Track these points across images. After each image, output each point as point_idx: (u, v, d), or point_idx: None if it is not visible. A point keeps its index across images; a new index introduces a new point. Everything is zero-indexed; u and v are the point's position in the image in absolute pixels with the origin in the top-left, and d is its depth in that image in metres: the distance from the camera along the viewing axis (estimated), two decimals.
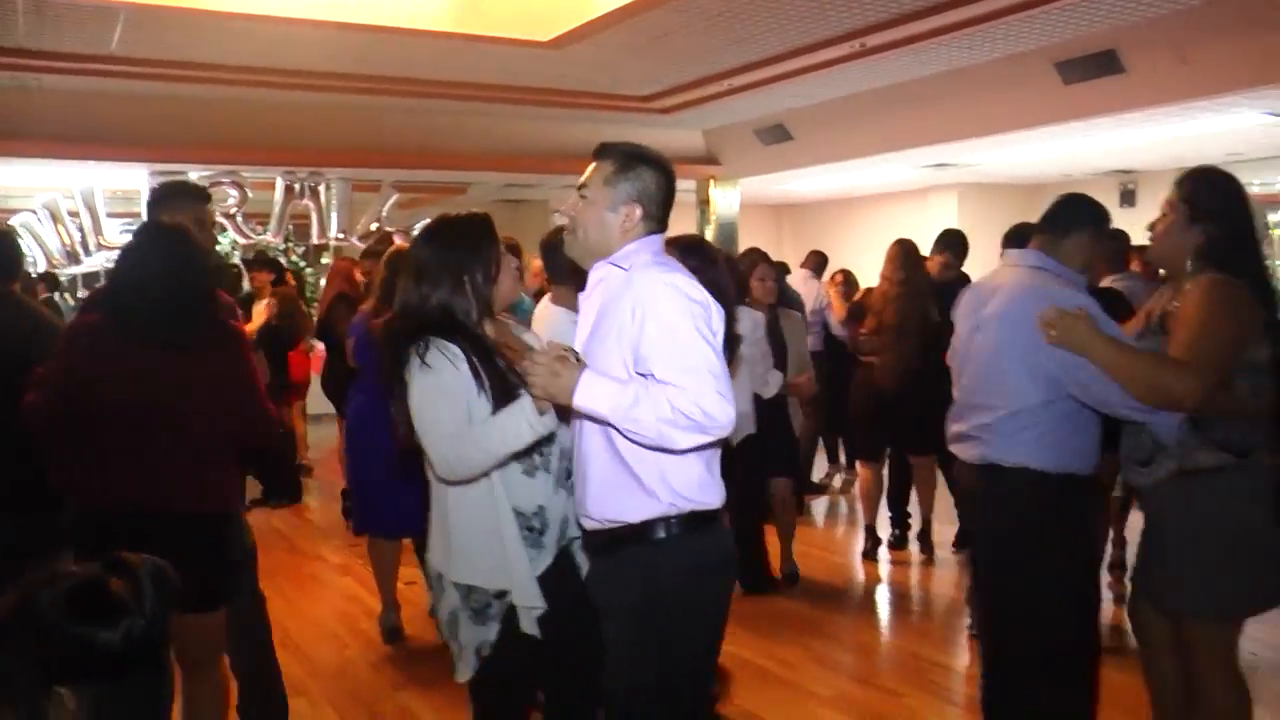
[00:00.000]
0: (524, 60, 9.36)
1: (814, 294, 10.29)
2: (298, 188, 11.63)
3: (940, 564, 7.42)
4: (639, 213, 2.88)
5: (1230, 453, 3.22)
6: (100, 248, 11.00)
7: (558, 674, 3.23)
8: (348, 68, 9.55)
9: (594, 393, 2.60)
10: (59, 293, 12.84)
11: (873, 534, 7.60)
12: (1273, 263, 15.64)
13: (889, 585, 7.10)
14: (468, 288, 3.04)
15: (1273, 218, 15.94)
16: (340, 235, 11.94)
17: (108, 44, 8.57)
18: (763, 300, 6.56)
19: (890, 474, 7.72)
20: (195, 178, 10.56)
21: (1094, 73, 9.00)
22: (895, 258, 7.33)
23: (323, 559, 7.77)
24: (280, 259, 11.92)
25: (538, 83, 10.37)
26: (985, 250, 7.02)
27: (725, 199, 13.75)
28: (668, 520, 2.78)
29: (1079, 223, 3.72)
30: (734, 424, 2.68)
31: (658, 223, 2.93)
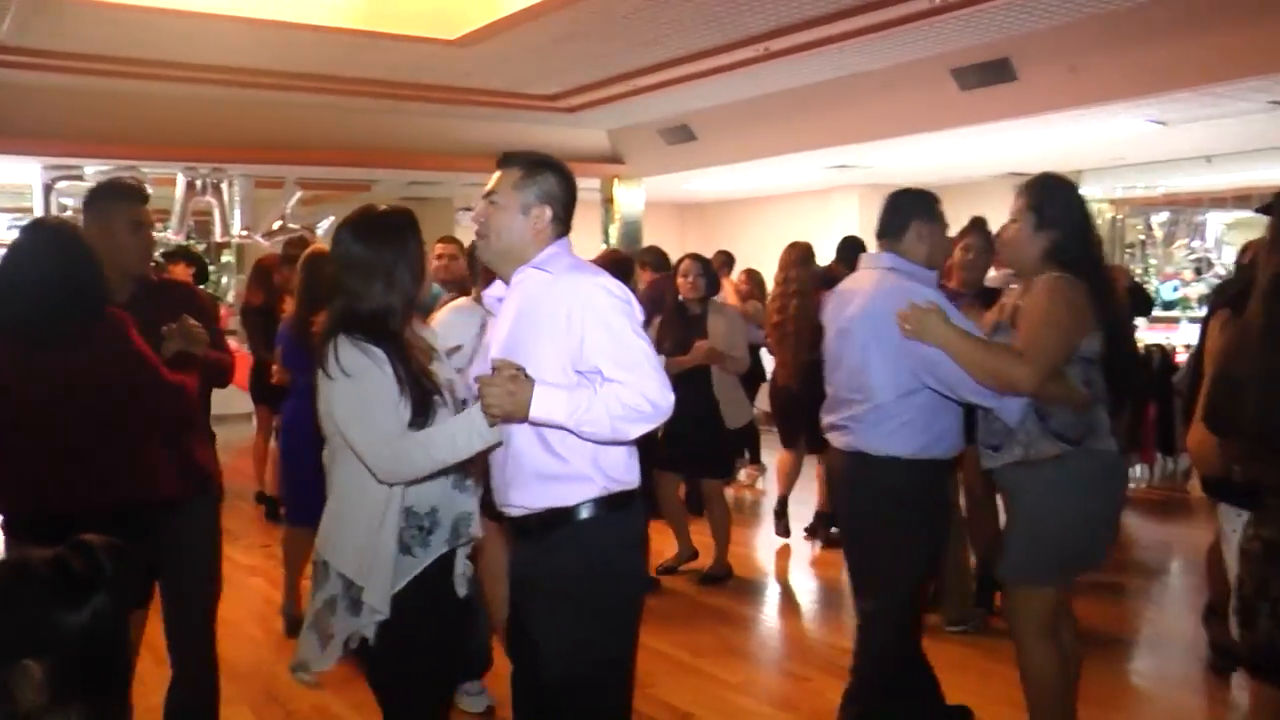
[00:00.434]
0: (430, 58, 9.36)
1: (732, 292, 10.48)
2: (199, 184, 11.42)
3: None
4: (549, 214, 3.01)
5: (1066, 442, 3.49)
6: None
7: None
8: (251, 63, 9.45)
9: (549, 404, 2.71)
10: None
11: (783, 507, 7.87)
12: (1153, 261, 16.31)
13: (799, 575, 7.26)
14: (397, 286, 3.04)
15: (1156, 219, 16.53)
16: (244, 233, 11.77)
17: None
18: (690, 296, 6.71)
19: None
20: (91, 173, 10.40)
21: (988, 80, 9.28)
22: (786, 261, 7.60)
23: (231, 559, 7.66)
24: (157, 255, 11.68)
25: (444, 81, 10.37)
26: None
27: (629, 198, 13.84)
28: (599, 501, 2.93)
29: (904, 218, 4.00)
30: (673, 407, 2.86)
31: (564, 225, 3.07)
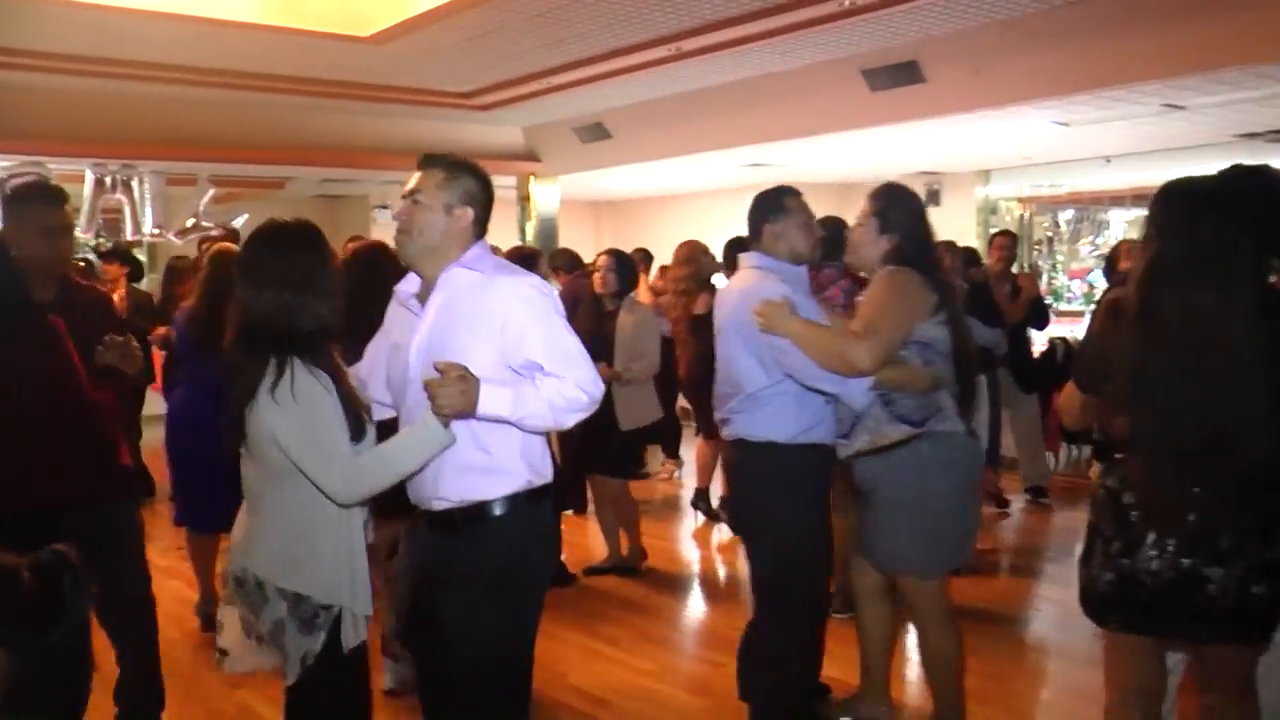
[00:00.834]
0: (343, 55, 9.30)
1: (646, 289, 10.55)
2: (108, 181, 11.21)
3: None
4: (471, 215, 3.06)
5: (910, 424, 3.72)
6: None
7: None
8: (162, 57, 9.29)
9: (495, 400, 2.81)
10: None
11: (699, 497, 7.98)
12: (1060, 257, 16.70)
13: (712, 563, 7.35)
14: (321, 300, 3.03)
15: (1063, 216, 16.93)
16: (156, 231, 11.58)
17: None
18: (602, 292, 6.75)
19: None
20: None
21: (898, 81, 9.45)
22: (674, 259, 7.73)
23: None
24: (90, 255, 11.48)
25: (357, 78, 10.31)
26: None
27: (545, 196, 13.87)
28: (520, 494, 3.02)
29: (756, 222, 4.25)
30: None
31: (483, 227, 3.12)
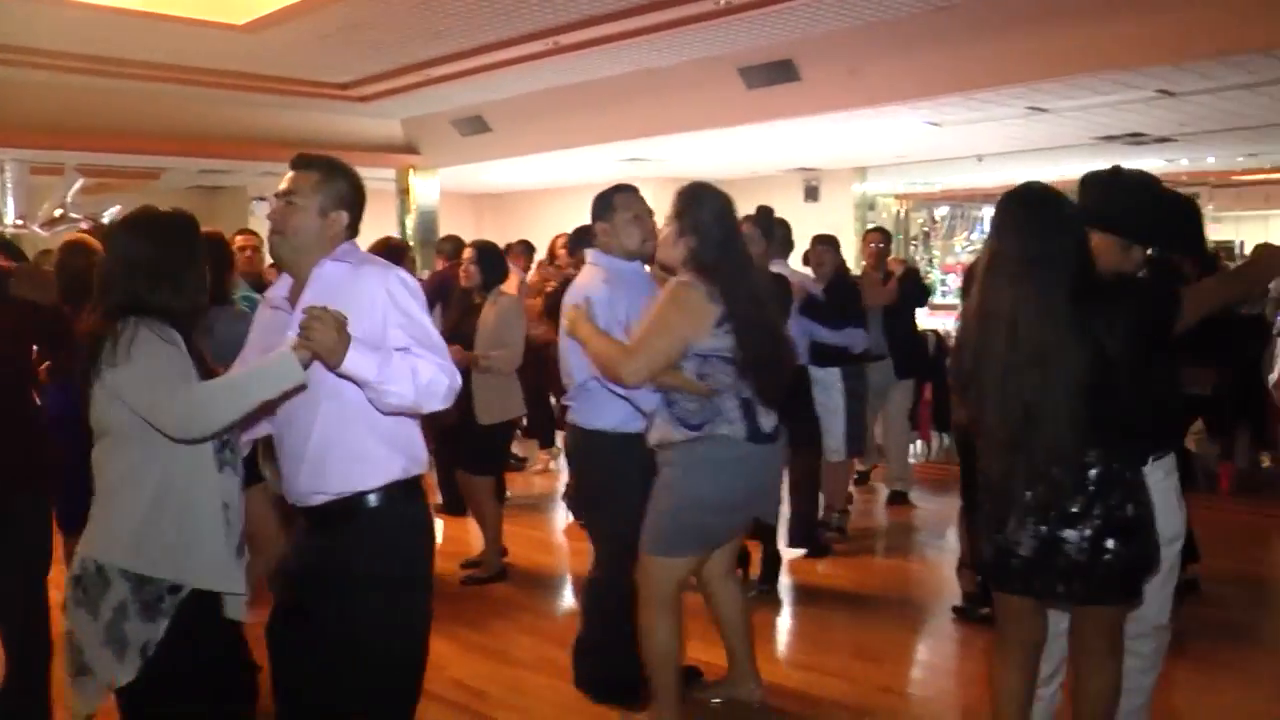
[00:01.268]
0: (217, 43, 9.14)
1: (517, 283, 10.49)
2: None
3: None
4: (345, 219, 3.05)
5: (688, 428, 3.82)
6: None
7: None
8: (27, 41, 8.99)
9: (362, 359, 2.74)
10: None
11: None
12: (936, 252, 17.13)
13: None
14: (187, 291, 2.99)
15: (939, 212, 17.39)
16: (19, 222, 11.20)
17: None
18: (466, 285, 6.66)
19: None
20: None
21: (774, 79, 9.60)
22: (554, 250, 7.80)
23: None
24: None
25: (232, 66, 10.13)
26: None
27: (425, 188, 13.81)
28: (397, 484, 2.99)
29: (594, 215, 4.35)
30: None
31: (355, 230, 3.11)
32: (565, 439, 4.74)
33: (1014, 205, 3.14)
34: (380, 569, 2.97)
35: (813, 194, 15.86)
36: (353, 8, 8.18)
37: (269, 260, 4.09)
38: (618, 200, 4.33)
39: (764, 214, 5.95)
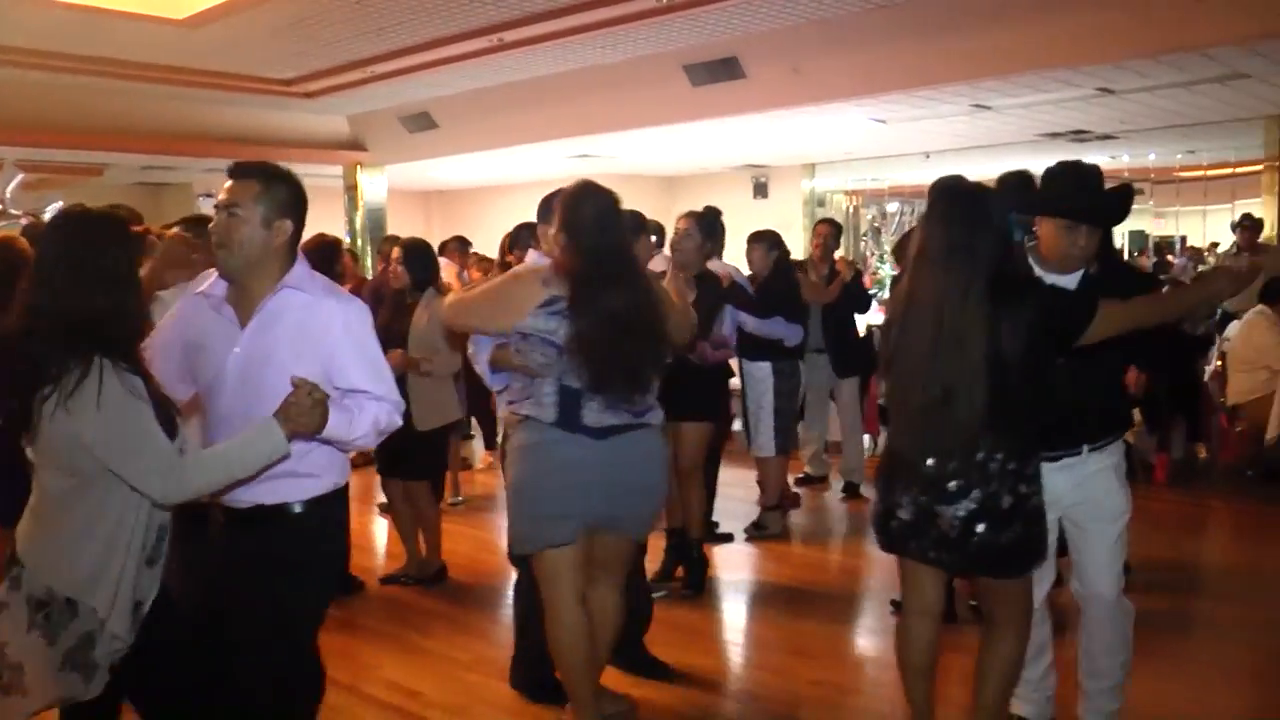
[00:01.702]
0: (158, 38, 9.02)
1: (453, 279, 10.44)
2: None
3: None
4: (290, 227, 3.00)
5: (510, 407, 3.83)
6: None
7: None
8: None
9: (336, 423, 2.83)
10: None
11: None
12: (886, 248, 17.22)
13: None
14: (125, 294, 2.87)
15: (890, 208, 17.49)
16: None
17: None
18: (395, 286, 6.60)
19: None
20: None
21: (718, 77, 9.63)
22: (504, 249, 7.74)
23: None
24: None
25: (174, 61, 10.01)
26: None
27: (372, 185, 13.74)
28: (325, 495, 3.02)
29: (538, 218, 4.24)
30: None
31: (299, 239, 3.07)
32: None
33: (941, 196, 3.27)
34: (298, 568, 3.02)
35: (762, 190, 15.94)
36: (293, 3, 8.13)
37: None
38: (554, 207, 4.26)
39: (709, 214, 5.96)
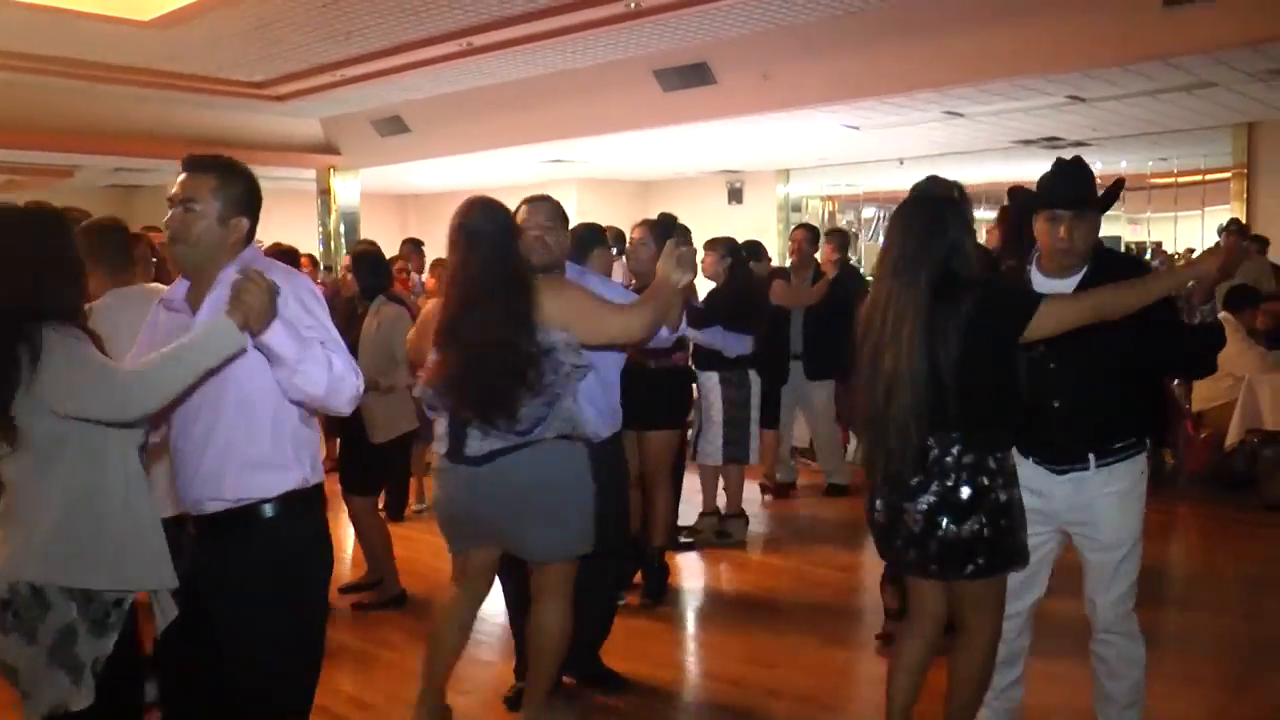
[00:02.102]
0: (125, 39, 8.98)
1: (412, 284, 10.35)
2: None
3: None
4: (246, 224, 2.96)
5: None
6: None
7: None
8: None
9: (283, 333, 2.68)
10: None
11: None
12: (863, 254, 17.24)
13: None
14: (70, 284, 2.91)
15: (866, 213, 17.50)
16: None
17: None
18: (349, 294, 6.58)
19: None
20: None
21: (689, 82, 9.64)
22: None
23: None
24: None
25: (141, 63, 9.97)
26: None
27: (346, 189, 13.69)
28: (294, 494, 2.93)
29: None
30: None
31: (254, 234, 3.03)
32: None
33: (904, 205, 3.36)
34: (275, 581, 2.92)
35: (737, 195, 15.93)
36: (260, 6, 8.10)
37: None
38: (520, 212, 4.18)
39: (664, 222, 5.92)
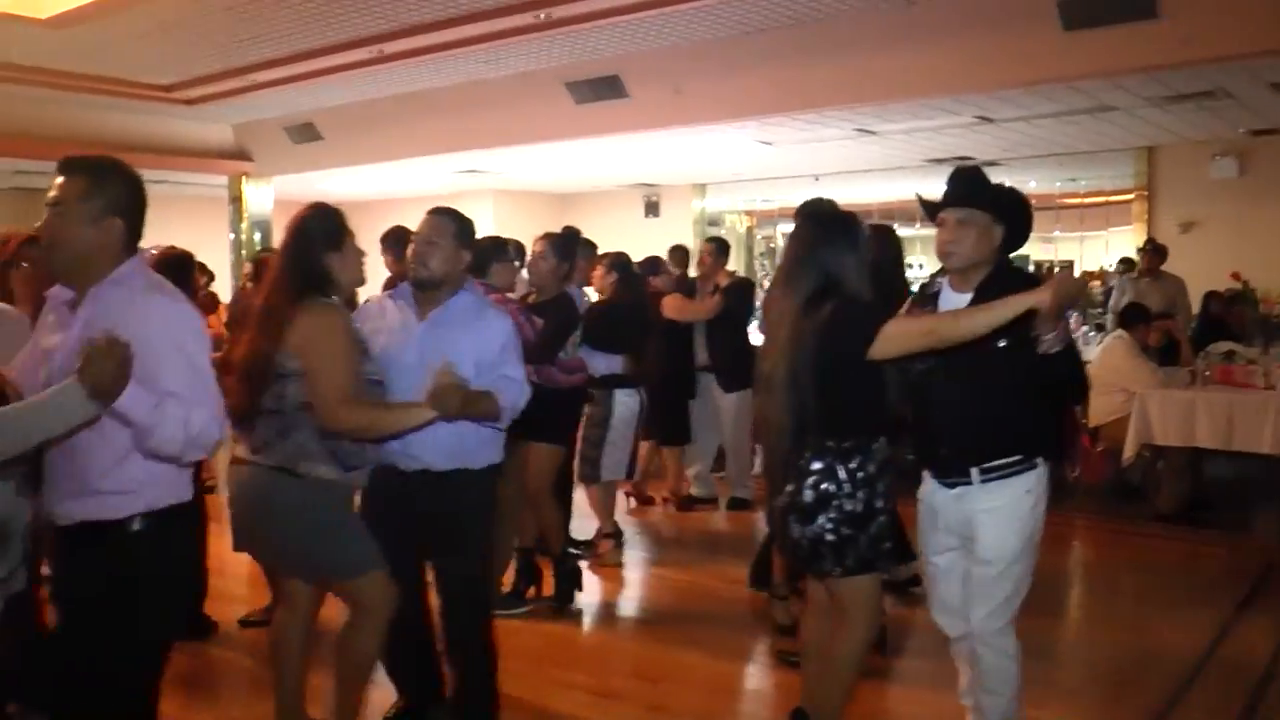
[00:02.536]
0: (19, 38, 8.75)
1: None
2: None
3: None
4: (120, 225, 2.86)
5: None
6: None
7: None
8: None
9: (135, 397, 2.58)
10: None
11: None
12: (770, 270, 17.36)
13: None
14: None
15: (786, 228, 17.58)
16: None
17: None
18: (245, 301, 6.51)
19: None
20: None
21: (601, 95, 9.65)
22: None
23: None
24: None
25: (38, 62, 9.72)
26: None
27: (258, 196, 13.51)
28: (152, 514, 2.82)
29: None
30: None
31: (136, 237, 2.92)
32: None
33: (796, 219, 3.63)
34: (118, 595, 2.83)
35: (653, 209, 15.97)
36: (161, 7, 7.96)
37: None
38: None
39: (564, 235, 5.93)
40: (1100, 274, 13.25)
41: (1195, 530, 7.25)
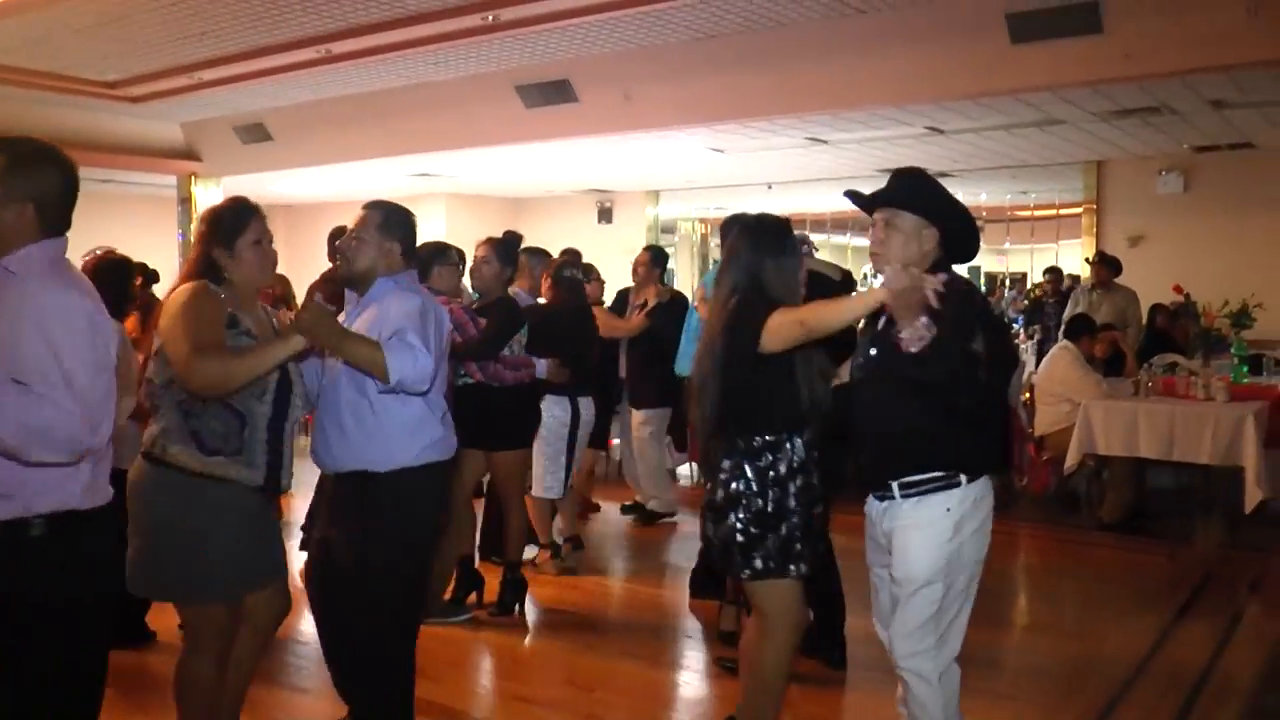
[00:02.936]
0: None
1: None
2: None
3: None
4: (33, 212, 2.76)
5: None
6: None
7: None
8: None
9: None
10: None
11: None
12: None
13: None
14: None
15: None
16: None
17: None
18: None
19: None
20: None
21: (551, 99, 9.60)
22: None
23: None
24: None
25: None
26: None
27: (208, 197, 13.31)
28: (67, 515, 2.68)
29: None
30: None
31: (58, 226, 2.81)
32: None
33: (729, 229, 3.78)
34: (40, 602, 2.73)
35: (606, 215, 15.93)
36: (101, 2, 7.82)
37: None
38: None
39: (506, 239, 5.87)
40: (1043, 285, 13.35)
41: (1137, 539, 7.31)
